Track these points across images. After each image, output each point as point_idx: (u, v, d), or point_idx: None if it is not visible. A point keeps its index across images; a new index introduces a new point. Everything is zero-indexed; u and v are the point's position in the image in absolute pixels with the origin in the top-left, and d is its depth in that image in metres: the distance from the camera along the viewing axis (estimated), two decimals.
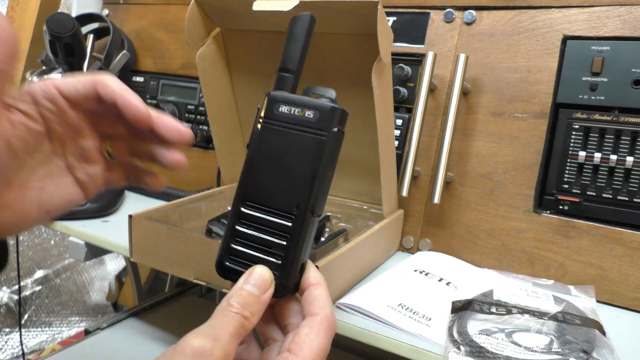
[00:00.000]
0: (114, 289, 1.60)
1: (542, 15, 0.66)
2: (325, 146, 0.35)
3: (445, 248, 0.69)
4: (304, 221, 0.35)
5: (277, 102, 0.36)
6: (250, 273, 0.34)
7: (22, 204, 0.36)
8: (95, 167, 0.40)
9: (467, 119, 0.69)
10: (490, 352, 0.44)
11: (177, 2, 0.98)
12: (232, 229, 0.36)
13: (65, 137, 0.38)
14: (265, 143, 0.36)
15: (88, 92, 0.37)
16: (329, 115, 0.35)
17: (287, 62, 0.38)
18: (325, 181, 0.35)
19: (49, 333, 1.49)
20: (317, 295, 0.35)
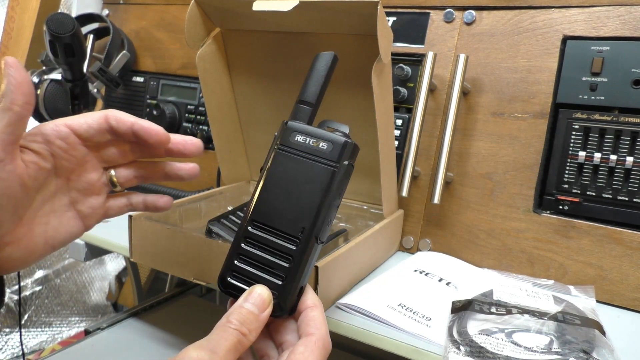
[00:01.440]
0: (114, 289, 1.60)
1: (542, 15, 0.66)
2: (335, 177, 0.37)
3: (445, 248, 0.69)
4: (307, 246, 0.36)
5: (294, 131, 0.38)
6: (251, 292, 0.35)
7: (30, 239, 0.38)
8: (97, 199, 0.42)
9: (467, 119, 0.69)
10: (490, 352, 0.44)
11: (177, 2, 0.98)
12: (237, 247, 0.38)
13: (71, 173, 0.40)
14: (278, 168, 0.38)
15: (100, 127, 0.39)
16: (341, 149, 0.37)
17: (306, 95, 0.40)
18: (332, 210, 0.37)
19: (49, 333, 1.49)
20: (314, 316, 0.36)
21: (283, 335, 0.37)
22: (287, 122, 0.39)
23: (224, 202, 0.76)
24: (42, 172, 0.38)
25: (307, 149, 0.38)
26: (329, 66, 0.40)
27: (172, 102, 0.96)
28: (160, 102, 0.96)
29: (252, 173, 0.85)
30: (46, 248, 0.39)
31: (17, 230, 0.37)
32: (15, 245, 0.37)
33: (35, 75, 0.95)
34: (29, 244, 0.38)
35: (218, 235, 0.60)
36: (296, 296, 0.37)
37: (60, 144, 0.38)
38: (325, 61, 0.41)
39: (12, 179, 0.34)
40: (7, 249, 0.37)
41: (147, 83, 1.01)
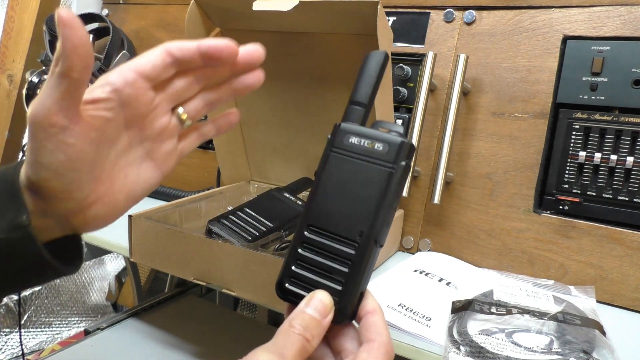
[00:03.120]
0: (113, 289, 1.60)
1: (542, 15, 0.66)
2: (393, 178, 0.36)
3: (445, 248, 0.69)
4: (366, 249, 0.35)
5: (348, 133, 0.37)
6: (312, 297, 0.35)
7: (112, 195, 0.38)
8: (171, 143, 0.41)
9: (467, 119, 0.69)
10: (490, 352, 0.44)
11: (177, 2, 0.98)
12: (294, 252, 0.37)
13: (142, 121, 0.39)
14: (333, 171, 0.37)
15: (164, 61, 0.37)
16: (397, 149, 0.36)
17: (358, 96, 0.39)
18: (390, 212, 0.36)
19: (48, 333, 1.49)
20: (375, 322, 0.35)
21: (342, 343, 0.36)
22: (340, 124, 0.38)
23: (224, 202, 0.76)
24: (112, 125, 0.36)
25: (363, 151, 0.37)
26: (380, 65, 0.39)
27: None
28: None
29: (252, 173, 0.85)
30: (128, 201, 0.40)
31: (98, 188, 0.37)
32: (99, 204, 0.37)
33: (35, 75, 0.95)
34: (111, 200, 0.38)
35: (218, 235, 0.60)
36: (357, 302, 0.36)
37: (129, 91, 0.36)
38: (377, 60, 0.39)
39: (81, 142, 0.34)
40: (93, 208, 0.37)
41: None
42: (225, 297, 1.17)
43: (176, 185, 0.90)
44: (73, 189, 0.35)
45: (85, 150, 0.34)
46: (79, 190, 0.35)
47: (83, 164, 0.35)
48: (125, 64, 0.37)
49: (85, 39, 0.31)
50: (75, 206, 0.36)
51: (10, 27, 1.04)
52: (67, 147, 0.33)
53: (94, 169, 0.36)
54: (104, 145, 0.37)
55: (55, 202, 0.35)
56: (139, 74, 0.37)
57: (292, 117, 0.75)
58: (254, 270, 0.53)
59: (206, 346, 0.80)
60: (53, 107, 0.32)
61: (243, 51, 0.40)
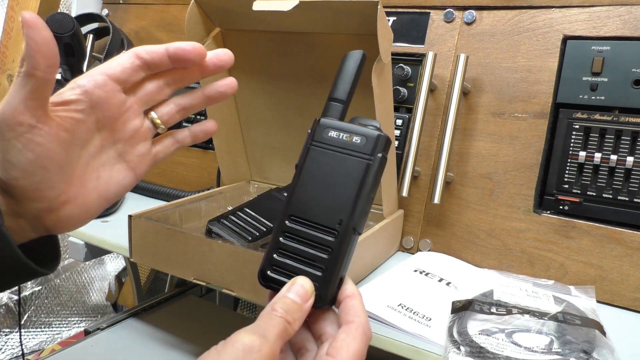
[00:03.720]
0: (113, 289, 1.60)
1: (542, 15, 0.66)
2: (370, 169, 0.37)
3: (445, 248, 0.69)
4: (345, 237, 0.37)
5: (327, 127, 0.39)
6: (293, 282, 0.36)
7: (84, 196, 0.39)
8: (144, 146, 0.42)
9: (467, 119, 0.69)
10: (491, 352, 0.44)
11: (177, 2, 0.98)
12: (276, 242, 0.38)
13: (114, 123, 0.40)
14: (313, 163, 0.39)
15: (133, 64, 0.39)
16: (375, 142, 0.38)
17: (337, 93, 0.41)
18: (368, 202, 0.38)
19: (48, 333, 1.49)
20: (353, 305, 0.36)
21: (322, 327, 0.37)
22: (320, 119, 0.40)
23: (224, 202, 0.76)
24: (80, 126, 0.37)
25: (341, 144, 0.38)
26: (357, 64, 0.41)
27: None
28: None
29: (252, 173, 0.85)
30: (101, 202, 0.40)
31: (70, 189, 0.37)
32: (71, 204, 0.38)
33: None
34: (84, 200, 0.39)
35: (218, 235, 0.60)
36: (336, 287, 0.37)
37: (99, 93, 0.37)
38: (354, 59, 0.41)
39: (50, 141, 0.34)
40: (65, 208, 0.37)
41: None
42: (225, 297, 1.17)
43: (176, 185, 0.90)
44: (43, 188, 0.35)
45: (54, 150, 0.35)
46: (50, 189, 0.36)
47: (52, 163, 0.35)
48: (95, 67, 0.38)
49: (49, 39, 0.32)
50: (46, 206, 0.36)
51: (10, 27, 1.04)
52: (35, 146, 0.34)
53: (65, 169, 0.36)
54: (74, 147, 0.37)
55: (27, 201, 0.35)
56: (108, 76, 0.38)
57: (292, 117, 0.75)
58: (254, 270, 0.53)
59: (206, 346, 0.80)
60: (20, 107, 0.32)
61: (212, 54, 0.41)
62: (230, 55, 0.42)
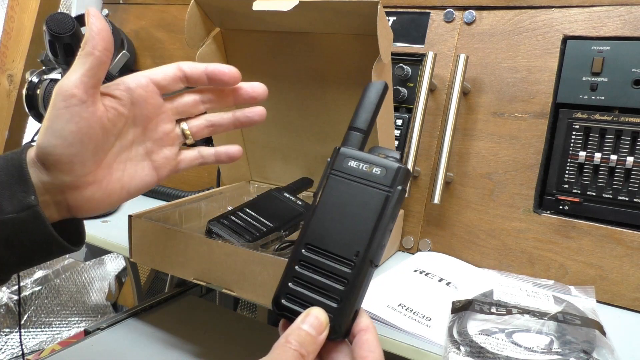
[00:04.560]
0: (113, 289, 1.61)
1: (542, 15, 0.66)
2: (389, 201, 0.37)
3: (445, 248, 0.69)
4: (362, 269, 0.36)
5: (347, 156, 0.39)
6: (308, 314, 0.35)
7: (109, 181, 0.42)
8: (171, 150, 0.46)
9: (467, 119, 0.69)
10: (491, 352, 0.44)
11: (177, 2, 0.98)
12: (291, 270, 0.38)
13: (148, 122, 0.44)
14: (332, 192, 0.39)
15: (175, 74, 0.43)
16: (395, 174, 0.37)
17: (358, 122, 0.41)
18: (386, 234, 0.37)
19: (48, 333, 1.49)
20: (367, 339, 0.36)
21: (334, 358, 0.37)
22: (340, 148, 0.40)
23: (224, 202, 0.76)
24: (121, 118, 0.41)
25: (361, 174, 0.38)
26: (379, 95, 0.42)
27: None
28: None
29: (252, 173, 0.85)
30: (122, 193, 0.43)
31: (98, 172, 0.40)
32: (96, 186, 0.41)
33: (35, 75, 0.95)
34: (107, 186, 0.41)
35: (218, 235, 0.60)
36: (351, 319, 0.37)
37: (140, 92, 0.42)
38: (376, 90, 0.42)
39: (93, 120, 0.38)
40: (89, 188, 0.40)
41: None
42: (225, 297, 1.17)
43: (176, 185, 0.90)
44: (75, 161, 0.38)
45: (95, 130, 0.39)
46: (81, 165, 0.39)
47: (90, 141, 0.39)
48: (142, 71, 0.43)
49: (107, 27, 0.38)
50: (73, 181, 0.39)
51: (10, 27, 1.04)
52: (80, 120, 0.37)
53: (98, 151, 0.40)
54: (111, 135, 0.41)
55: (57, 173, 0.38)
56: (150, 79, 0.42)
57: (292, 117, 0.75)
58: (254, 270, 0.53)
59: (206, 346, 0.80)
60: (76, 81, 0.37)
61: (248, 85, 0.46)
62: (264, 90, 0.46)
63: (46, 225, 0.38)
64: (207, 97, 0.46)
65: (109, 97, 0.41)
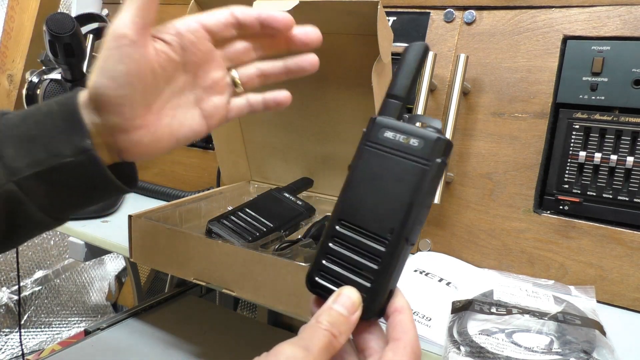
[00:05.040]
0: (113, 289, 1.61)
1: (542, 15, 0.66)
2: (427, 175, 0.35)
3: (445, 248, 0.69)
4: (396, 247, 0.35)
5: (383, 127, 0.36)
6: (340, 293, 0.34)
7: (158, 126, 0.41)
8: (221, 98, 0.44)
9: (467, 119, 0.69)
10: (491, 352, 0.43)
11: (177, 2, 0.98)
12: (325, 246, 0.37)
13: (198, 69, 0.42)
14: (366, 165, 0.36)
15: (227, 20, 0.42)
16: (433, 145, 0.35)
17: (396, 89, 0.38)
18: (423, 210, 0.35)
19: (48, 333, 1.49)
20: (401, 320, 0.35)
21: (367, 341, 0.36)
22: (376, 117, 0.37)
23: (224, 202, 0.76)
24: (171, 63, 0.41)
25: (397, 146, 0.36)
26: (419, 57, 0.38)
27: None
28: None
29: (252, 173, 0.85)
30: (171, 140, 0.42)
31: (147, 116, 0.40)
32: (144, 130, 0.40)
33: (35, 75, 0.95)
34: (156, 131, 0.41)
35: (218, 235, 0.60)
36: (385, 299, 0.36)
37: (190, 37, 0.41)
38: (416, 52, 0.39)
39: (143, 62, 0.38)
40: (138, 132, 0.40)
41: None
42: (225, 297, 1.17)
43: (176, 185, 0.90)
44: (125, 102, 0.38)
45: (145, 72, 0.38)
46: (130, 107, 0.38)
47: (140, 83, 0.38)
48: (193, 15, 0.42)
49: None
50: (122, 123, 0.39)
51: (11, 27, 1.04)
52: (130, 61, 0.37)
53: (148, 95, 0.39)
54: (161, 79, 0.40)
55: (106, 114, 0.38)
56: (201, 24, 0.41)
57: (292, 117, 0.75)
58: (254, 270, 0.53)
59: (206, 346, 0.80)
60: (127, 21, 0.37)
61: (301, 30, 0.43)
62: (318, 35, 0.43)
63: (102, 168, 0.39)
64: (259, 44, 0.44)
65: (159, 41, 0.40)
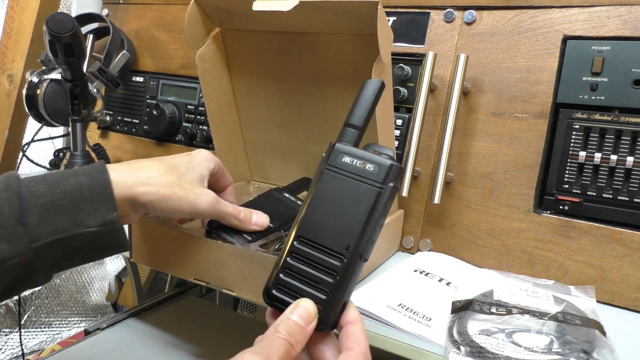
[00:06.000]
0: (113, 289, 1.60)
1: (542, 15, 0.66)
2: (381, 197, 0.38)
3: (445, 248, 0.69)
4: (351, 263, 0.37)
5: (342, 152, 0.40)
6: (297, 305, 0.37)
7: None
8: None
9: (467, 119, 0.69)
10: (491, 352, 0.44)
11: (177, 2, 0.98)
12: (283, 261, 0.39)
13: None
14: (325, 187, 0.40)
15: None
16: (387, 171, 0.38)
17: (354, 119, 0.42)
18: (376, 229, 0.38)
19: (48, 333, 1.49)
20: (354, 331, 0.37)
21: (322, 351, 0.38)
22: (335, 143, 0.41)
23: None
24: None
25: (354, 170, 0.39)
26: (376, 92, 0.43)
27: (172, 102, 0.96)
28: (160, 102, 0.96)
29: (252, 173, 0.85)
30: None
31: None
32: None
33: (35, 75, 0.95)
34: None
35: (218, 235, 0.60)
36: (339, 311, 0.38)
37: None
38: (373, 88, 0.43)
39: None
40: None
41: (147, 83, 1.01)
42: (225, 297, 1.17)
43: None
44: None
45: None
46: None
47: None
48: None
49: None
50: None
51: (11, 27, 1.04)
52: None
53: None
54: None
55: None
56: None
57: (292, 117, 0.75)
58: (254, 270, 0.53)
59: (206, 346, 0.80)
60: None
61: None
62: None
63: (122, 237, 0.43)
64: None
65: None
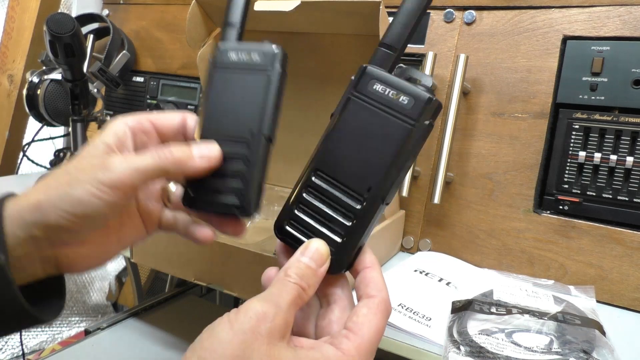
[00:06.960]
0: (114, 289, 1.60)
1: (542, 15, 0.66)
2: (412, 136, 0.33)
3: (445, 248, 0.69)
4: (372, 206, 0.33)
5: (373, 78, 0.35)
6: (307, 246, 0.34)
7: (107, 239, 0.39)
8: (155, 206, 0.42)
9: (467, 119, 0.69)
10: (490, 352, 0.44)
11: (177, 2, 0.98)
12: (298, 195, 0.35)
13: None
14: (351, 117, 0.35)
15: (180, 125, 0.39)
16: (423, 105, 0.33)
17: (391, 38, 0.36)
18: (403, 171, 0.34)
19: (49, 333, 1.49)
20: (374, 277, 0.34)
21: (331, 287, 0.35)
22: (366, 66, 0.35)
23: None
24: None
25: (385, 101, 0.34)
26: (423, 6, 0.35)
27: (172, 102, 0.96)
28: (161, 102, 0.96)
29: None
30: (118, 248, 0.40)
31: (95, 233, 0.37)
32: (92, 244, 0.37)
33: (35, 75, 0.95)
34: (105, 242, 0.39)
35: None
36: (354, 255, 0.35)
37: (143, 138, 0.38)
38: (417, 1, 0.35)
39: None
40: (86, 246, 0.37)
41: (147, 83, 1.01)
42: (226, 297, 1.17)
43: None
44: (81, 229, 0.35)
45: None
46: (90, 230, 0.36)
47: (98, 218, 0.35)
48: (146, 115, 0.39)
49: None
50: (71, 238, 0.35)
51: (11, 27, 1.04)
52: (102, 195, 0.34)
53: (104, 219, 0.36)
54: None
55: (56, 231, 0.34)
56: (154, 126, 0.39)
57: (293, 118, 0.75)
58: (255, 270, 0.53)
59: None
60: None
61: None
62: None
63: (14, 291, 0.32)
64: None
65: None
